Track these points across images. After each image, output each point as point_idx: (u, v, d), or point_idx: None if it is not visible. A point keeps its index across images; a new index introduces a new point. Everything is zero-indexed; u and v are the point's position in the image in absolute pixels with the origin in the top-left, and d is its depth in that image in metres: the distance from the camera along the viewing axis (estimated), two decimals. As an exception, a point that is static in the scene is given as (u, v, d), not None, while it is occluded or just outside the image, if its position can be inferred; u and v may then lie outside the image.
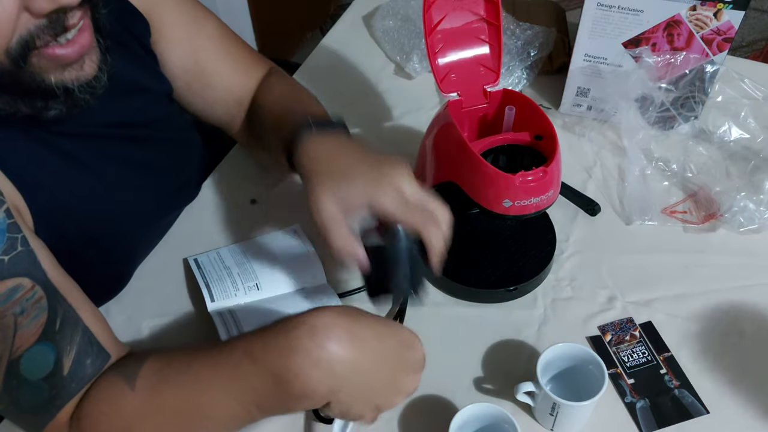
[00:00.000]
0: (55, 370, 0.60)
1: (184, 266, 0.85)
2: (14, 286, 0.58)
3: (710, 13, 0.91)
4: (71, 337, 0.61)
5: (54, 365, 0.60)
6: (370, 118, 1.07)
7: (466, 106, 0.78)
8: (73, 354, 0.61)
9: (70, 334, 0.61)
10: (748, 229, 0.88)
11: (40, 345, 0.59)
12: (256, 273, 0.81)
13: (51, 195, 0.67)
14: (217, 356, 0.60)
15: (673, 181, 0.95)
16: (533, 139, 0.75)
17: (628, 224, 0.91)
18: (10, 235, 0.59)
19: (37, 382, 0.59)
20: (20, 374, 0.58)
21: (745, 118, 0.97)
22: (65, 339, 0.61)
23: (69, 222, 0.69)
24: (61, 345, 0.60)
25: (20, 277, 0.59)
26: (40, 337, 0.59)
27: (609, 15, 0.94)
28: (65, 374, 0.60)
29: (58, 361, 0.60)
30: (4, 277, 0.57)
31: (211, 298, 0.79)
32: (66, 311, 0.61)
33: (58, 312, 0.60)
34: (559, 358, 0.71)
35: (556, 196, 0.74)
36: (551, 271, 0.85)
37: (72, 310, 0.62)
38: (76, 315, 0.62)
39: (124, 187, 0.77)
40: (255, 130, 0.89)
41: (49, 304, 0.60)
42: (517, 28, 1.11)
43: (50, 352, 0.60)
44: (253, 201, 0.94)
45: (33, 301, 0.59)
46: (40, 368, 0.59)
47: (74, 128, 0.70)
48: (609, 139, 1.01)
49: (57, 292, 0.61)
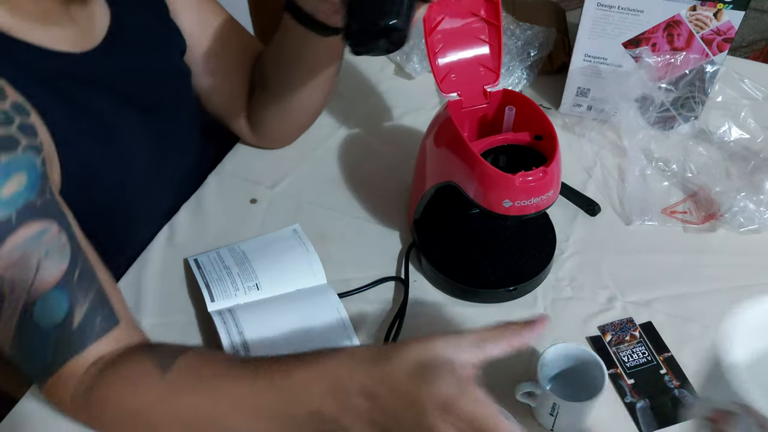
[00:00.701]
0: (66, 320, 0.60)
1: (185, 266, 0.85)
2: (43, 229, 0.59)
3: (710, 13, 0.91)
4: (86, 291, 0.62)
5: (65, 315, 0.60)
6: (370, 118, 1.07)
7: (466, 106, 0.78)
8: (85, 308, 0.62)
9: (86, 288, 0.62)
10: (748, 229, 0.88)
11: (57, 291, 0.60)
12: (256, 273, 0.81)
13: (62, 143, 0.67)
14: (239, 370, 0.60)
15: (673, 181, 0.95)
16: (533, 139, 0.75)
17: (628, 224, 0.91)
18: (43, 182, 0.60)
19: (48, 330, 0.60)
20: (33, 319, 0.59)
21: (745, 118, 0.97)
22: (81, 291, 0.61)
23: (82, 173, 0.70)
24: (76, 296, 0.61)
25: (50, 219, 0.60)
26: (58, 283, 0.60)
27: (609, 15, 0.94)
28: (74, 327, 0.61)
29: (70, 312, 0.60)
30: (35, 218, 0.58)
31: (211, 298, 0.79)
32: (85, 265, 0.62)
33: (78, 263, 0.61)
34: (559, 358, 0.71)
35: (556, 196, 0.74)
36: (551, 271, 0.85)
37: (90, 266, 0.63)
38: (93, 271, 0.63)
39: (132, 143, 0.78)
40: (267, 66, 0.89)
41: (72, 253, 0.61)
42: (517, 28, 1.11)
43: (65, 300, 0.60)
44: (253, 201, 0.94)
45: (58, 245, 0.60)
46: (52, 315, 0.60)
47: (87, 70, 0.70)
48: (609, 139, 1.01)
49: (79, 246, 0.62)
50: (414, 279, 0.84)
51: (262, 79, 0.90)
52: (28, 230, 0.58)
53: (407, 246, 0.87)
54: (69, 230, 0.62)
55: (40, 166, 0.60)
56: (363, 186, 0.96)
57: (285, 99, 0.88)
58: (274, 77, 0.88)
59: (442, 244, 0.84)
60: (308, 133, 1.00)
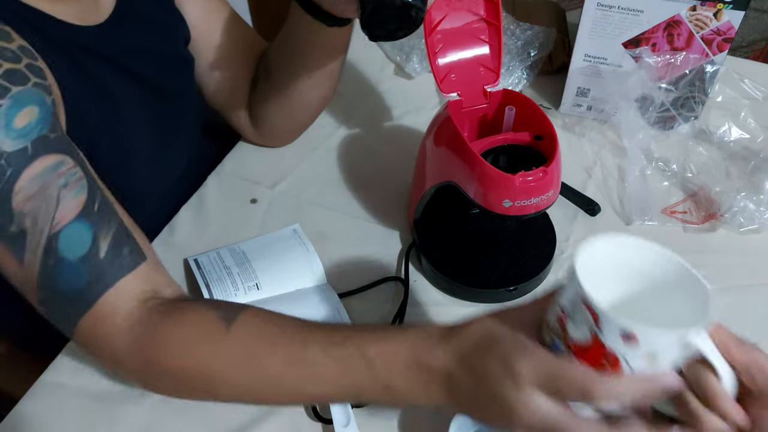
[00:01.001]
0: (92, 250, 0.59)
1: (185, 267, 0.85)
2: (59, 161, 0.59)
3: (710, 13, 0.91)
4: (108, 223, 0.61)
5: (91, 245, 0.59)
6: (370, 118, 1.07)
7: (466, 106, 0.78)
8: (110, 238, 0.61)
9: (107, 220, 0.61)
10: (748, 229, 0.88)
11: (79, 222, 0.59)
12: (256, 273, 0.81)
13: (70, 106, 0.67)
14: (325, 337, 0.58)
15: (673, 181, 0.95)
16: (533, 139, 0.75)
17: (628, 224, 0.91)
18: (54, 119, 0.60)
19: (75, 262, 0.59)
20: (58, 252, 0.58)
21: (745, 118, 0.97)
22: (102, 221, 0.60)
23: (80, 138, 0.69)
24: (99, 225, 0.60)
25: (64, 154, 0.60)
26: (79, 214, 0.59)
27: (609, 15, 0.94)
28: (102, 257, 0.60)
29: (95, 242, 0.59)
30: (50, 152, 0.58)
31: (210, 298, 0.79)
32: (103, 199, 0.62)
33: (97, 196, 0.61)
34: (559, 358, 0.71)
35: (556, 196, 0.74)
36: (551, 271, 0.85)
37: (108, 201, 0.63)
38: (112, 206, 0.63)
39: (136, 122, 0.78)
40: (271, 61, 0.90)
41: (89, 186, 0.60)
42: (517, 28, 1.11)
43: (88, 231, 0.59)
44: (253, 201, 0.94)
45: (75, 178, 0.59)
46: (77, 246, 0.59)
47: (94, 44, 0.71)
48: (609, 139, 1.01)
49: (94, 179, 0.62)
50: (414, 279, 0.84)
51: (266, 71, 0.90)
52: (45, 161, 0.57)
53: (407, 246, 0.87)
54: (83, 164, 0.61)
55: (50, 105, 0.60)
56: (363, 186, 0.96)
57: (288, 92, 0.89)
58: (278, 69, 0.88)
59: (442, 244, 0.84)
60: (308, 133, 1.00)
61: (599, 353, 0.44)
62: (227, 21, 0.90)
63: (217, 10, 0.90)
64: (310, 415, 0.72)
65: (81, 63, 0.69)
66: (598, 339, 0.43)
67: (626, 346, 0.43)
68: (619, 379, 0.44)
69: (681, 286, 0.47)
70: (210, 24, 0.89)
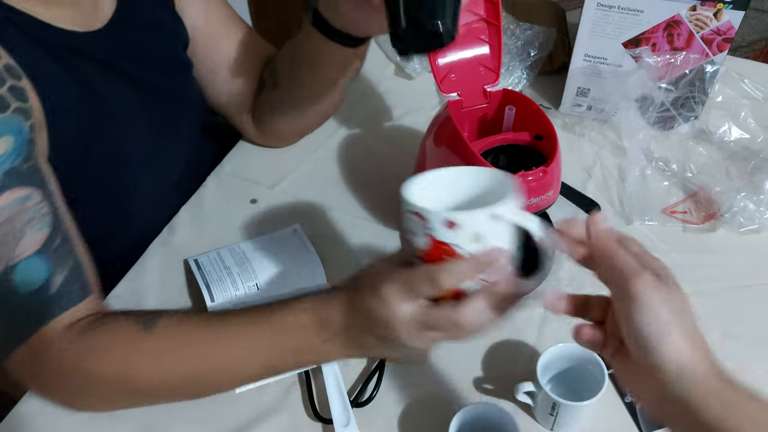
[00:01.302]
0: (45, 285, 0.61)
1: (185, 267, 0.85)
2: (28, 194, 0.60)
3: (710, 13, 0.91)
4: (65, 260, 0.63)
5: (45, 280, 0.61)
6: (370, 118, 1.07)
7: (466, 106, 0.78)
8: (64, 276, 0.63)
9: (65, 256, 0.63)
10: (748, 229, 0.88)
11: (38, 257, 0.60)
12: (255, 273, 0.81)
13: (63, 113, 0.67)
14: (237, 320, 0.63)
15: (673, 181, 0.95)
16: (533, 139, 0.75)
17: (628, 224, 0.91)
18: (29, 148, 0.61)
19: (24, 295, 0.61)
20: (13, 282, 0.59)
21: (745, 118, 0.97)
22: (60, 259, 0.62)
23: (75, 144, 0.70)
24: (56, 263, 0.62)
25: (34, 187, 0.61)
26: (39, 249, 0.60)
27: (609, 15, 0.94)
28: (52, 293, 0.62)
29: (50, 278, 0.61)
30: (22, 184, 0.60)
31: (211, 298, 0.79)
32: (65, 236, 0.63)
33: (58, 233, 0.62)
34: (559, 358, 0.71)
35: (556, 196, 0.74)
36: (551, 271, 0.84)
37: (69, 238, 0.64)
38: (72, 243, 0.64)
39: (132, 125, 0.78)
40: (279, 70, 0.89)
41: (53, 222, 0.62)
42: (517, 28, 1.11)
43: (45, 267, 0.61)
44: (253, 201, 0.94)
45: (41, 213, 0.61)
46: (32, 280, 0.61)
47: (91, 49, 0.71)
48: (609, 139, 1.01)
49: (60, 215, 0.63)
50: (414, 279, 0.84)
51: (274, 79, 0.90)
52: (14, 194, 0.59)
53: (407, 246, 0.87)
54: (51, 199, 0.63)
55: (28, 132, 0.61)
56: (363, 186, 0.96)
57: (296, 101, 0.88)
58: (286, 79, 0.87)
59: (442, 244, 0.84)
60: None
61: (439, 250, 0.51)
62: (229, 24, 0.90)
63: (218, 13, 0.89)
64: (310, 415, 0.72)
65: (76, 68, 0.69)
66: (432, 237, 0.50)
67: (453, 233, 0.50)
68: (455, 262, 0.51)
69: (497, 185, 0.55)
70: (211, 27, 0.89)
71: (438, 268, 0.51)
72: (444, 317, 0.53)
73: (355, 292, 0.57)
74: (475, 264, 0.51)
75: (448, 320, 0.53)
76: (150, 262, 0.86)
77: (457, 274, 0.51)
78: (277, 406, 0.73)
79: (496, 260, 0.51)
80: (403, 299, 0.53)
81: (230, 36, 0.90)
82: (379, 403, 0.73)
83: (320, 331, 0.59)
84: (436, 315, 0.53)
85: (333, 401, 0.71)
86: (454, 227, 0.50)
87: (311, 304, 0.60)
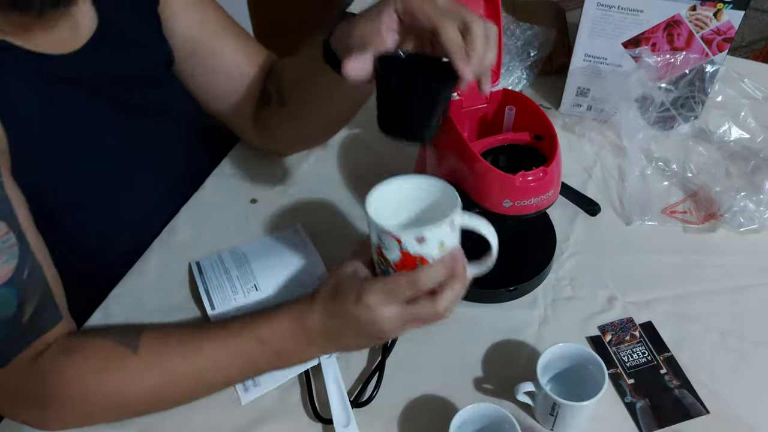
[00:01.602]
0: (16, 315, 0.61)
1: (189, 271, 0.85)
2: None
3: (710, 13, 0.91)
4: (35, 289, 0.63)
5: (16, 310, 0.61)
6: (370, 118, 1.06)
7: (466, 106, 0.78)
8: (34, 305, 0.63)
9: (34, 286, 0.63)
10: (748, 229, 0.88)
11: (7, 288, 0.60)
12: (254, 274, 0.81)
13: (35, 140, 0.68)
14: (221, 333, 0.68)
15: (673, 181, 0.95)
16: (533, 139, 0.75)
17: (628, 224, 0.91)
18: None
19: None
20: None
21: (745, 118, 0.97)
22: (30, 288, 0.62)
23: (50, 171, 0.70)
24: (26, 293, 0.62)
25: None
26: (8, 281, 0.60)
27: (609, 15, 0.94)
28: (24, 321, 0.62)
29: (20, 308, 0.61)
30: None
31: (211, 306, 0.79)
32: (33, 265, 0.63)
33: (27, 263, 0.62)
34: (559, 358, 0.71)
35: (556, 196, 0.74)
36: (551, 271, 0.85)
37: (39, 267, 0.64)
38: (41, 271, 0.64)
39: (107, 145, 0.78)
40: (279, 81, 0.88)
41: (20, 253, 0.62)
42: (517, 28, 1.11)
43: (14, 297, 0.61)
44: (253, 201, 0.94)
45: (7, 245, 0.60)
46: (3, 310, 0.61)
47: (67, 71, 0.71)
48: (609, 139, 1.01)
49: (28, 244, 0.63)
50: (414, 279, 0.84)
51: (280, 98, 0.88)
52: None
53: (407, 246, 0.87)
54: (18, 229, 0.62)
55: None
56: (363, 186, 0.96)
57: (302, 120, 0.86)
58: (295, 102, 0.85)
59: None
60: (308, 133, 1.00)
61: (411, 260, 0.61)
62: (227, 33, 0.89)
63: (214, 23, 0.88)
64: (310, 415, 0.72)
65: (47, 92, 0.69)
66: (405, 252, 0.60)
67: (422, 246, 0.60)
68: (427, 267, 0.61)
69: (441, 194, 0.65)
70: (205, 33, 0.87)
71: (417, 275, 0.60)
72: (425, 312, 0.62)
73: (335, 302, 0.64)
74: (444, 266, 0.61)
75: (428, 313, 0.62)
76: (150, 262, 0.86)
77: (433, 278, 0.61)
78: (277, 406, 0.73)
79: (457, 258, 0.62)
80: (387, 304, 0.61)
81: (228, 45, 0.89)
82: (379, 403, 0.73)
83: (302, 336, 0.66)
84: (419, 310, 0.62)
85: (333, 401, 0.71)
86: (423, 242, 0.60)
87: (293, 312, 0.67)
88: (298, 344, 0.67)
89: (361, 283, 0.62)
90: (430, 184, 0.65)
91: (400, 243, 0.60)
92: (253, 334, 0.66)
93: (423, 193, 0.66)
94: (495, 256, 0.66)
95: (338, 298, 0.64)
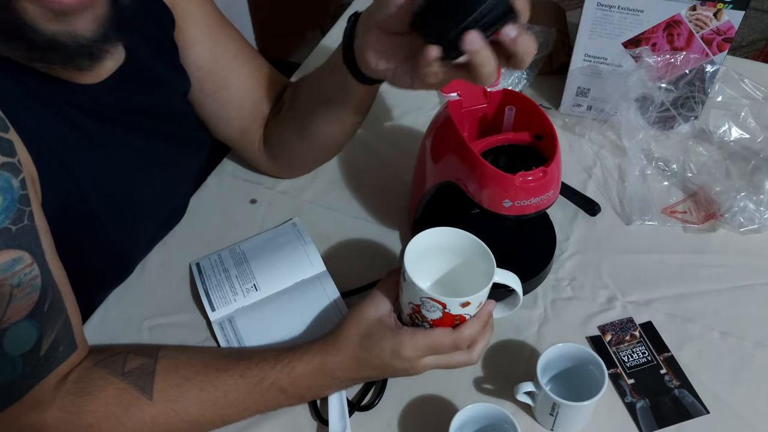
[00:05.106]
0: (34, 348, 0.61)
1: (189, 271, 0.85)
2: (17, 258, 0.58)
3: (710, 13, 0.91)
4: (54, 322, 0.62)
5: (34, 344, 0.60)
6: (370, 118, 1.06)
7: (466, 106, 0.78)
8: (52, 338, 0.62)
9: (54, 319, 0.62)
10: (748, 229, 0.88)
11: (27, 321, 0.59)
12: (253, 273, 0.81)
13: (60, 164, 0.66)
14: (240, 383, 0.68)
15: (673, 181, 0.95)
16: (533, 139, 0.75)
17: (628, 224, 0.91)
18: (21, 207, 0.59)
19: (15, 357, 0.60)
20: (2, 347, 0.58)
21: (745, 118, 0.97)
22: (50, 322, 0.62)
23: (74, 195, 0.69)
24: (45, 327, 0.61)
25: (23, 250, 0.59)
26: (29, 314, 0.59)
27: (609, 15, 0.94)
28: (41, 355, 0.61)
29: (39, 341, 0.61)
30: (10, 246, 0.57)
31: (211, 308, 0.79)
32: (55, 297, 0.62)
33: (48, 295, 0.61)
34: (559, 358, 0.71)
35: (556, 196, 0.74)
36: (551, 271, 0.85)
37: (60, 298, 0.63)
38: (62, 303, 0.64)
39: (132, 171, 0.77)
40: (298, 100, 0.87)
41: (43, 285, 0.61)
42: (517, 28, 1.11)
43: (34, 331, 0.60)
44: (253, 201, 0.94)
45: (30, 277, 0.59)
46: (22, 344, 0.60)
47: (91, 105, 0.70)
48: (609, 139, 1.01)
49: (51, 276, 0.62)
50: (414, 279, 0.84)
51: (292, 109, 0.87)
52: (2, 258, 0.57)
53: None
54: (41, 260, 0.61)
55: (18, 188, 0.58)
56: (363, 186, 0.96)
57: (308, 131, 0.85)
58: (304, 112, 0.85)
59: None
60: (308, 133, 1.00)
61: (451, 319, 0.65)
62: (238, 60, 0.87)
63: (225, 50, 0.86)
64: (310, 415, 0.72)
65: (74, 121, 0.68)
66: (447, 313, 0.65)
67: (465, 308, 0.65)
68: (468, 327, 0.66)
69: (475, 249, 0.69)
70: (219, 65, 0.85)
71: (461, 337, 0.66)
72: (461, 360, 0.68)
73: (368, 351, 0.67)
74: (481, 323, 0.67)
75: (463, 362, 0.68)
76: (150, 262, 0.86)
77: (473, 336, 0.66)
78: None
79: (491, 312, 0.68)
80: (426, 355, 0.67)
81: (240, 72, 0.87)
82: (379, 404, 0.73)
83: (327, 380, 0.69)
84: (456, 360, 0.68)
85: (332, 409, 0.71)
86: (467, 306, 0.64)
87: (315, 359, 0.68)
88: (322, 388, 0.70)
89: (396, 336, 0.65)
90: (462, 238, 0.69)
91: (444, 307, 0.64)
92: (274, 385, 0.68)
93: (454, 246, 0.70)
94: (521, 301, 0.70)
95: (371, 347, 0.66)
